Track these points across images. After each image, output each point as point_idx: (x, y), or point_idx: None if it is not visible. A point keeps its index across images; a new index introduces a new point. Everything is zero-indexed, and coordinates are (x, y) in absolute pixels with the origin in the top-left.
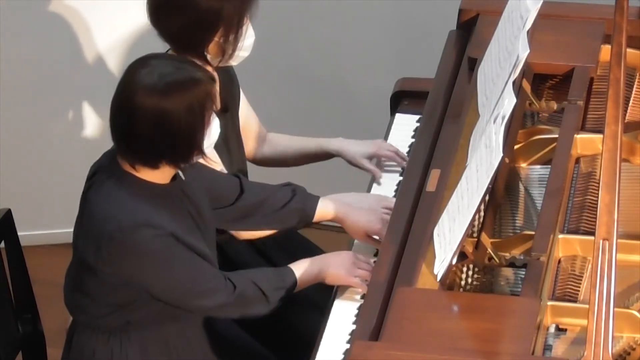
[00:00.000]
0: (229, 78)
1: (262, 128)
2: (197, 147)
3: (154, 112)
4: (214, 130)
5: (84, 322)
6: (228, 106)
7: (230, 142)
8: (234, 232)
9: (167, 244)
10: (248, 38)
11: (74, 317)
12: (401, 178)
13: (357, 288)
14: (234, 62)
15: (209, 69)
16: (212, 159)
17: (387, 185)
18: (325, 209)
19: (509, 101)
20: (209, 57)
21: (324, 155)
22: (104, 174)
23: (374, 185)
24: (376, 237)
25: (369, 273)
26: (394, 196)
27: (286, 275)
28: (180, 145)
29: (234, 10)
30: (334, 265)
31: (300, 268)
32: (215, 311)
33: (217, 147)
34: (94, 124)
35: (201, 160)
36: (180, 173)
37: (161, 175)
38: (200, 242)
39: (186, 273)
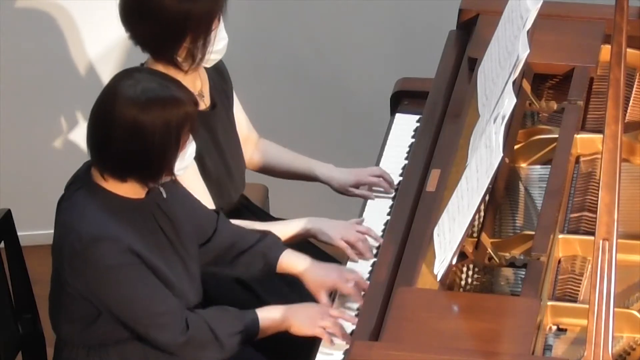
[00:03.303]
0: (218, 73)
1: (253, 132)
2: (167, 167)
3: (130, 124)
4: (188, 154)
5: (64, 337)
6: (216, 102)
7: (220, 139)
8: None
9: (126, 260)
10: (220, 41)
11: (55, 332)
12: (401, 178)
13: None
14: (206, 65)
15: (180, 75)
16: (191, 185)
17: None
18: (288, 260)
19: (509, 101)
20: (179, 60)
21: (311, 178)
22: (77, 184)
23: (369, 201)
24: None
25: (335, 325)
26: (392, 200)
27: (248, 320)
28: (151, 161)
29: (201, 16)
30: (299, 317)
31: (266, 315)
32: (166, 348)
33: (204, 145)
34: None
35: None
36: (162, 189)
37: (131, 189)
38: (168, 263)
39: (141, 295)
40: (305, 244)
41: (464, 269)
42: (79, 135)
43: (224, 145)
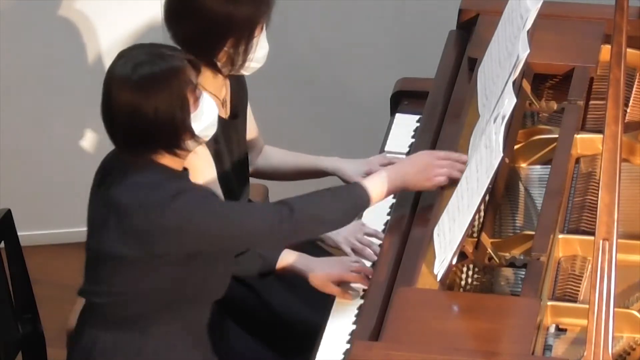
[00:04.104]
0: (240, 85)
1: (262, 140)
2: (183, 132)
3: (128, 105)
4: (207, 111)
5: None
6: (238, 113)
7: (233, 148)
8: None
9: (212, 200)
10: (260, 50)
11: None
12: None
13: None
14: (245, 72)
15: (220, 77)
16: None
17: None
18: (287, 259)
19: (509, 101)
20: (219, 64)
21: (319, 174)
22: (119, 172)
23: None
24: (356, 285)
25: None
26: (394, 196)
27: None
28: (163, 132)
29: (245, 21)
30: (412, 172)
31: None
32: (274, 232)
33: (218, 150)
34: (94, 124)
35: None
36: None
37: (170, 161)
38: None
39: (239, 211)
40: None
41: (464, 269)
42: (79, 135)
43: (231, 157)
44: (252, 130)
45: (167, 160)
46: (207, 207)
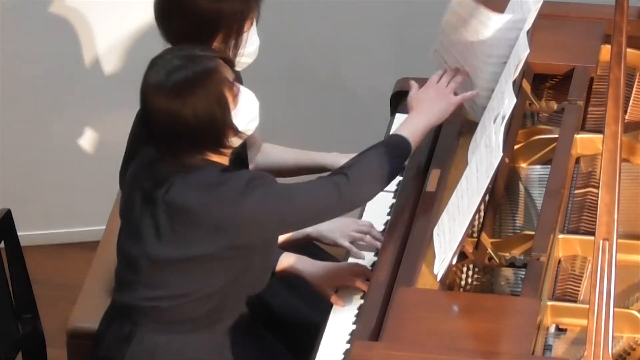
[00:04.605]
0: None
1: (259, 137)
2: (226, 130)
3: (165, 112)
4: (247, 105)
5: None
6: None
7: None
8: None
9: (276, 182)
10: (251, 45)
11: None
12: (401, 178)
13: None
14: (237, 68)
15: None
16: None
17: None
18: (286, 261)
19: (509, 101)
20: None
21: (320, 170)
22: (177, 175)
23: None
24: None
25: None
26: (394, 196)
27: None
28: (205, 134)
29: (233, 15)
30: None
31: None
32: (338, 201)
33: None
34: (95, 124)
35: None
36: None
37: (219, 159)
38: None
39: (303, 192)
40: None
41: (464, 269)
42: (79, 135)
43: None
44: None
45: (215, 158)
46: (277, 193)
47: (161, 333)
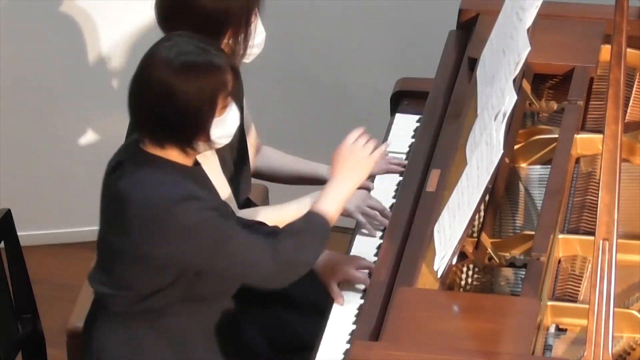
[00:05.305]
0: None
1: (258, 139)
2: (202, 132)
3: (162, 85)
4: (230, 122)
5: (117, 309)
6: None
7: (233, 143)
8: None
9: (214, 216)
10: (258, 35)
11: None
12: (401, 178)
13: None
14: (247, 60)
15: None
16: (212, 178)
17: (388, 184)
18: None
19: (510, 98)
20: None
21: (317, 181)
22: (131, 165)
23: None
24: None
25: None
26: (394, 196)
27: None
28: (184, 124)
29: (240, 10)
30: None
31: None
32: (265, 283)
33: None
34: (95, 124)
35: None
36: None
37: (179, 157)
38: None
39: (240, 242)
40: None
41: (464, 269)
42: (80, 135)
43: (232, 154)
44: (250, 128)
45: (175, 155)
46: (209, 223)
47: (116, 324)
